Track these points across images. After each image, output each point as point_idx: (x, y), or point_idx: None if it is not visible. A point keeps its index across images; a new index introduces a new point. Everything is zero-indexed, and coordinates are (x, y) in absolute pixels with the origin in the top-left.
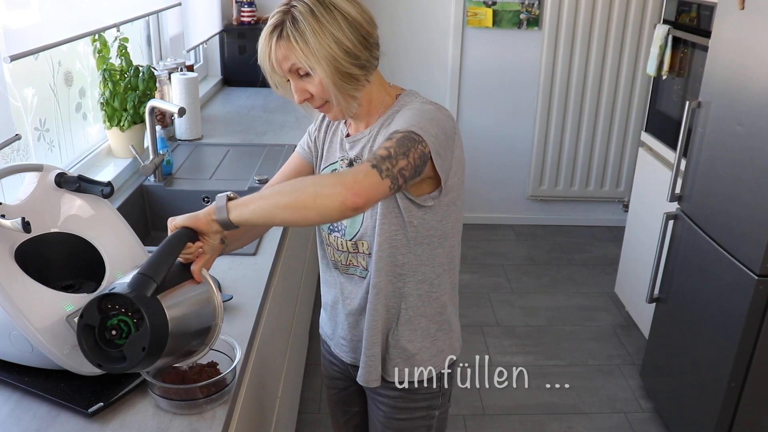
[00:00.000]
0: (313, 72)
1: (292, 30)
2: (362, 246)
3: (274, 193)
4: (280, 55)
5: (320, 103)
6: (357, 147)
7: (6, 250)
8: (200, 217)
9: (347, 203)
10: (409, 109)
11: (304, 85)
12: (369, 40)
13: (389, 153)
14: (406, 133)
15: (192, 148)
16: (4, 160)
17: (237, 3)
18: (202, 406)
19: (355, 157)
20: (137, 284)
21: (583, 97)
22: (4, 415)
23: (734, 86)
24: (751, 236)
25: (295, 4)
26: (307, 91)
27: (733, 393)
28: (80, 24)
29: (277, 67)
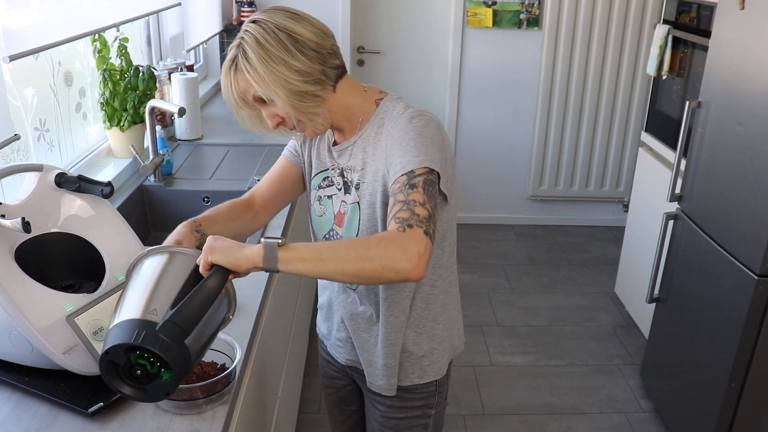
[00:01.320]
0: (269, 98)
1: (243, 62)
2: None
3: (337, 257)
4: (241, 88)
5: (291, 126)
6: (345, 155)
7: (6, 250)
8: (241, 263)
9: (412, 278)
10: (404, 131)
11: (272, 110)
12: (321, 52)
13: (429, 212)
14: (424, 175)
15: (192, 148)
16: (4, 160)
17: (237, 3)
18: (202, 406)
19: (346, 167)
20: (171, 336)
21: (583, 97)
22: (4, 415)
23: (734, 86)
24: (751, 236)
25: (243, 36)
26: (277, 117)
27: (733, 393)
28: (80, 24)
29: (240, 100)
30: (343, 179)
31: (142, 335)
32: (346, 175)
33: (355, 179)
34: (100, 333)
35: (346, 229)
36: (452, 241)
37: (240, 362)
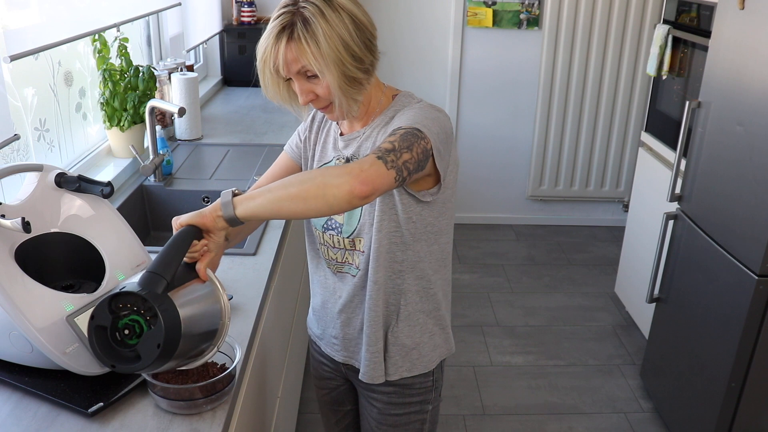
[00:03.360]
0: (322, 75)
1: (303, 32)
2: (359, 243)
3: (280, 186)
4: (290, 57)
5: (324, 104)
6: (352, 146)
7: (6, 250)
8: (206, 215)
9: (355, 192)
10: (410, 109)
11: (311, 86)
12: (373, 42)
13: (393, 146)
14: (408, 129)
15: (192, 148)
16: (4, 160)
17: (237, 3)
18: (202, 406)
19: (351, 156)
20: (147, 282)
21: (583, 97)
22: (4, 415)
23: (734, 86)
24: (751, 236)
25: (304, 5)
26: (314, 92)
27: (733, 393)
28: (80, 24)
29: (283, 69)
30: None
31: (120, 288)
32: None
33: None
34: None
35: (348, 217)
36: (450, 239)
37: (240, 362)
